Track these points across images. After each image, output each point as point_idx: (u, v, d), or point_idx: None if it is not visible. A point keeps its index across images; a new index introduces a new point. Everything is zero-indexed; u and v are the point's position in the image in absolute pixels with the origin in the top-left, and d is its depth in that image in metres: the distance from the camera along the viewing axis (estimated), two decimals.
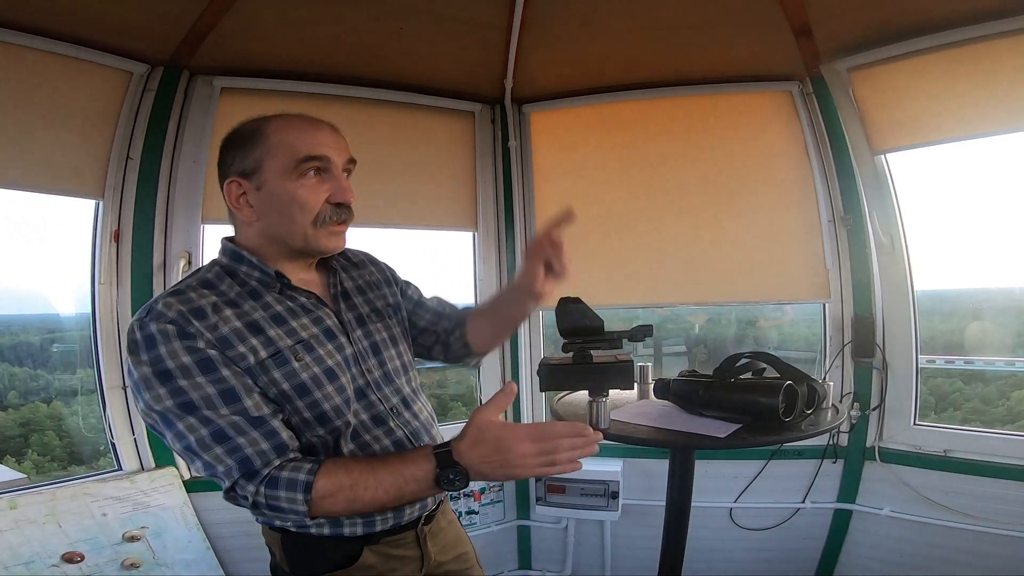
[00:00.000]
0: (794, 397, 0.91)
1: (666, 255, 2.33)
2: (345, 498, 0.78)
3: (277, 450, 0.80)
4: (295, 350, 0.85)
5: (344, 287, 0.99)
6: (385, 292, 1.07)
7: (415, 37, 1.99)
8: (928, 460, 2.00)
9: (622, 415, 1.04)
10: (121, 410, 1.91)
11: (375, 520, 0.92)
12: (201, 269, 0.92)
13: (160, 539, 1.79)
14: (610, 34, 2.01)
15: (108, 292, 1.91)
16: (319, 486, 0.78)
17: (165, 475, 1.92)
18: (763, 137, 2.27)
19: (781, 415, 0.88)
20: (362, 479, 0.79)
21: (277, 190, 0.86)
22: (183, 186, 2.03)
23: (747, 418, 0.94)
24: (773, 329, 2.69)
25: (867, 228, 2.12)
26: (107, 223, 1.93)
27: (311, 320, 0.90)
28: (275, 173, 0.86)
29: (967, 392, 2.27)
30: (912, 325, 2.07)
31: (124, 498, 1.79)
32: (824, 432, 0.90)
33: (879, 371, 2.12)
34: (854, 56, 1.96)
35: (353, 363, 0.92)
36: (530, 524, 2.39)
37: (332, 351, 0.90)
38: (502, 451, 0.78)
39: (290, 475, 0.78)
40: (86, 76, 1.84)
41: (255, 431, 0.79)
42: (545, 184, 2.44)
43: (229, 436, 0.78)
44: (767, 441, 0.86)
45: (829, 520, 2.18)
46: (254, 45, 1.98)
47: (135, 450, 1.93)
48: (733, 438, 0.86)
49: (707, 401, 0.99)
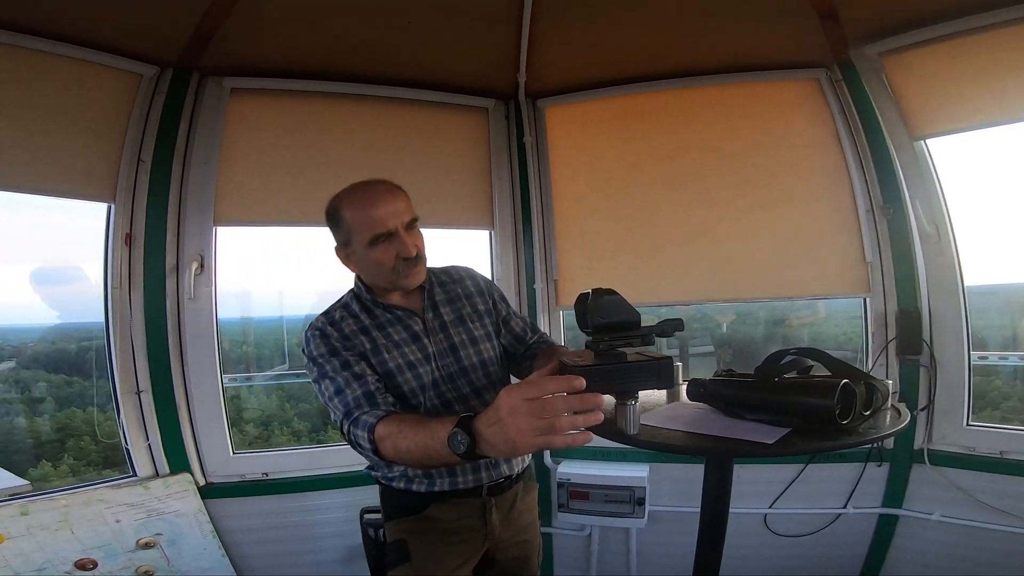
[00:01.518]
0: (852, 397, 0.81)
1: (691, 250, 2.24)
2: (392, 443, 0.97)
3: (367, 397, 1.08)
4: (387, 346, 1.19)
5: (435, 300, 1.28)
6: (476, 301, 1.32)
7: (424, 31, 1.94)
8: (983, 462, 1.88)
9: (653, 419, 0.94)
10: (135, 415, 1.89)
11: (434, 480, 1.19)
12: (344, 296, 1.27)
13: (175, 546, 1.77)
14: (624, 23, 1.93)
15: (121, 296, 1.89)
16: (378, 429, 1.00)
17: (180, 481, 1.89)
18: (790, 126, 2.17)
19: (837, 417, 0.78)
20: (405, 429, 0.96)
21: (364, 257, 1.19)
22: (195, 188, 2.01)
23: (796, 421, 0.84)
24: (804, 328, 2.57)
25: (909, 218, 2.00)
26: (119, 226, 1.91)
27: (403, 327, 1.22)
28: (360, 244, 1.17)
29: (1006, 391, 2.15)
30: (963, 319, 1.94)
31: (138, 504, 1.78)
32: (887, 436, 0.80)
33: (927, 369, 1.99)
34: (886, 40, 1.85)
35: (431, 360, 1.21)
36: (552, 531, 2.31)
37: (415, 350, 1.20)
38: (496, 410, 0.78)
39: (366, 418, 1.03)
40: (96, 79, 1.83)
41: (356, 383, 1.10)
42: (562, 179, 2.37)
43: (342, 389, 1.09)
44: (822, 447, 0.76)
45: (873, 526, 2.08)
46: (262, 44, 1.95)
47: (149, 456, 1.91)
48: (783, 444, 0.77)
49: (750, 403, 0.89)
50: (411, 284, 1.21)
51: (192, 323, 1.97)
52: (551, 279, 2.34)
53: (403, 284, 1.20)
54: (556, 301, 2.35)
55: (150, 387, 1.91)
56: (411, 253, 1.16)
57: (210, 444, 2.00)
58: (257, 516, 1.99)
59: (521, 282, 2.36)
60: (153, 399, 1.91)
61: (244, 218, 2.08)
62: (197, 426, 1.98)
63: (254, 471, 2.04)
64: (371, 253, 1.17)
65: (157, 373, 1.91)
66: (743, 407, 0.93)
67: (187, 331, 1.96)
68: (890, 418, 0.90)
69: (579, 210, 2.34)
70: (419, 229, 1.23)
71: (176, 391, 1.94)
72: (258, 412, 2.58)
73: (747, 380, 0.95)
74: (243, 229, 2.14)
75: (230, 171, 2.04)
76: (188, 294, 1.94)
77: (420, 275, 1.21)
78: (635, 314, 0.88)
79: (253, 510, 1.99)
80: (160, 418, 1.91)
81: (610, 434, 0.87)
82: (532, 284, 2.32)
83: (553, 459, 2.28)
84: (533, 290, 2.32)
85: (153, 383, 1.91)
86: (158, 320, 1.92)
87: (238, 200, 2.05)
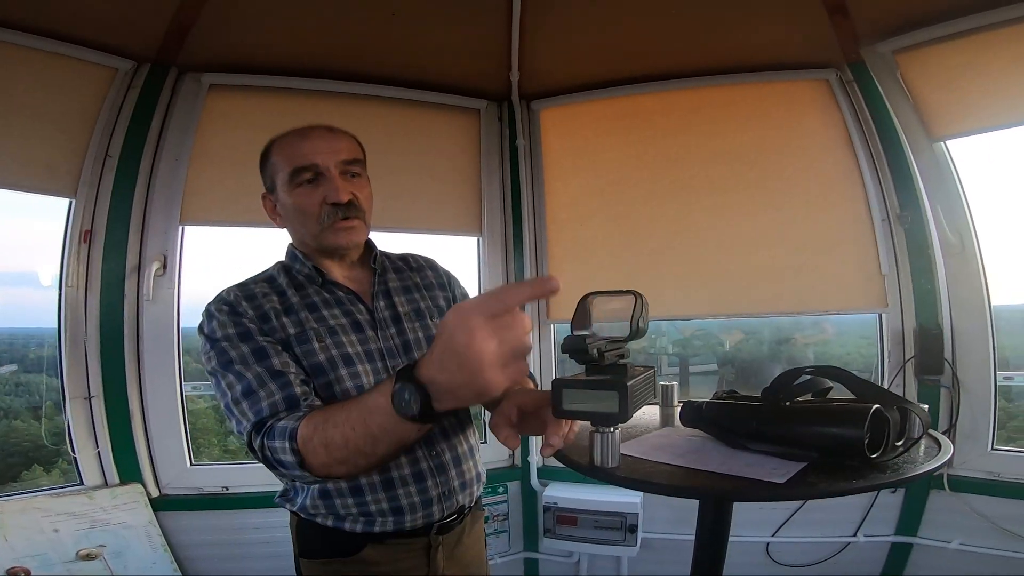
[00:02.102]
0: (883, 426, 0.65)
1: (692, 261, 2.10)
2: (321, 440, 0.74)
3: (288, 401, 0.84)
4: (318, 332, 0.93)
5: (388, 287, 1.05)
6: (436, 295, 1.11)
7: (410, 24, 1.85)
8: (1010, 488, 1.76)
9: (637, 449, 0.77)
10: (85, 421, 1.78)
11: (374, 520, 0.94)
12: (269, 268, 1.03)
13: (120, 559, 1.67)
14: (622, 16, 1.83)
15: (76, 296, 1.78)
16: (301, 431, 0.77)
17: (129, 492, 1.80)
18: (799, 129, 2.05)
19: (866, 450, 0.62)
20: (332, 416, 0.75)
21: (285, 202, 0.98)
22: (163, 185, 1.91)
23: (812, 454, 0.69)
24: (809, 347, 2.41)
25: (928, 227, 1.87)
26: (78, 223, 1.80)
27: (342, 312, 0.98)
28: (282, 188, 0.98)
29: (1011, 409, 2.02)
30: (989, 336, 1.80)
31: (80, 514, 1.69)
32: (928, 473, 0.63)
33: (948, 390, 1.85)
34: (900, 37, 1.74)
35: (379, 357, 0.97)
36: (538, 557, 2.20)
37: (355, 341, 0.96)
38: (447, 339, 0.57)
39: (282, 424, 0.80)
40: (67, 73, 1.75)
41: (274, 383, 0.85)
42: (556, 184, 2.25)
43: (254, 389, 0.85)
44: (849, 489, 0.59)
45: (885, 555, 1.95)
46: (243, 39, 1.88)
47: (98, 464, 1.80)
48: (797, 484, 0.60)
49: (757, 432, 0.73)
50: (340, 243, 0.97)
51: (151, 326, 1.84)
52: None
53: (330, 241, 0.97)
54: (547, 314, 2.20)
55: (102, 392, 1.79)
56: (341, 197, 0.94)
57: (165, 454, 1.87)
58: (215, 531, 1.87)
59: None
60: (104, 405, 1.79)
61: (214, 218, 1.96)
62: (152, 435, 1.86)
63: (213, 484, 1.91)
64: (292, 196, 0.96)
65: (110, 378, 1.80)
66: (747, 436, 0.77)
67: (145, 335, 1.84)
68: (924, 449, 0.75)
69: (573, 217, 2.22)
70: (366, 180, 1.01)
71: (130, 398, 1.82)
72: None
73: (752, 404, 0.79)
74: (213, 230, 2.03)
75: (202, 169, 1.94)
76: (147, 296, 1.81)
77: (356, 234, 0.98)
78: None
79: (211, 525, 1.87)
80: (111, 425, 1.80)
81: (582, 468, 0.70)
82: None
83: (541, 482, 2.12)
84: None
85: (105, 388, 1.79)
86: (114, 322, 1.80)
87: (209, 199, 1.94)
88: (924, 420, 0.73)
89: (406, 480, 0.95)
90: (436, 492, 0.97)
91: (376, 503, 0.94)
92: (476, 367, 0.55)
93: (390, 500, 0.94)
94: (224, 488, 1.91)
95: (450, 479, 0.99)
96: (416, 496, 0.95)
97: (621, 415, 0.65)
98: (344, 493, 0.94)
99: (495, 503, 2.14)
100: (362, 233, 1.00)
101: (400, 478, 0.94)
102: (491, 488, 2.12)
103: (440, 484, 0.97)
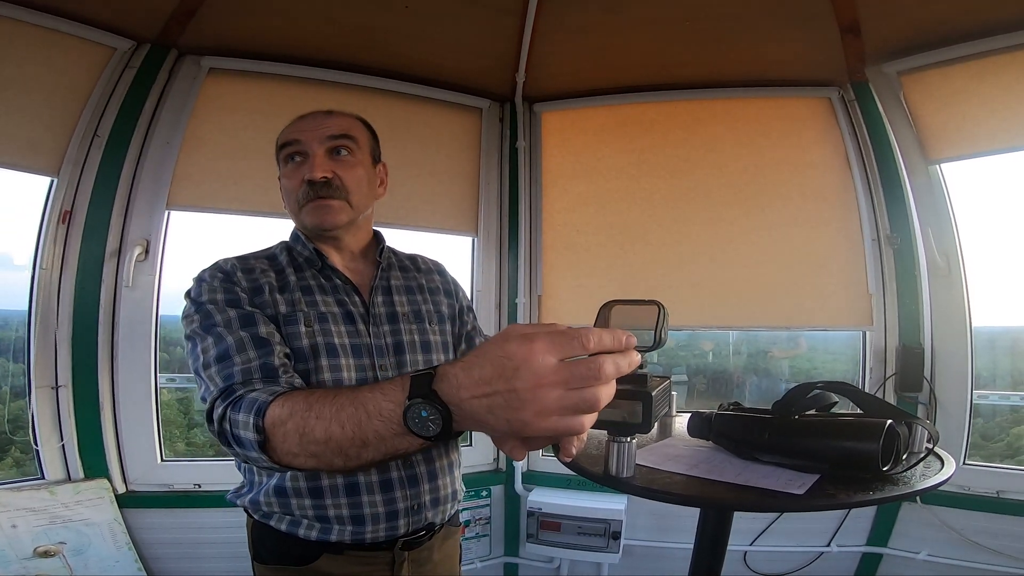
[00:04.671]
0: (894, 439, 0.66)
1: (685, 272, 2.11)
2: (296, 427, 0.64)
3: (264, 369, 0.79)
4: (308, 316, 0.89)
5: (390, 284, 1.01)
6: (440, 300, 1.06)
7: (423, 19, 1.82)
8: (977, 501, 1.82)
9: (649, 459, 0.76)
10: (50, 412, 1.69)
11: (331, 527, 0.87)
12: (273, 246, 1.00)
13: (81, 556, 1.61)
14: (634, 24, 1.83)
15: (50, 278, 1.69)
16: (272, 411, 0.68)
17: (94, 487, 1.72)
18: (798, 146, 2.08)
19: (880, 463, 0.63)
20: (318, 405, 0.64)
21: (281, 182, 0.99)
22: (151, 168, 1.84)
23: (824, 466, 0.69)
24: (785, 360, 2.45)
25: (916, 249, 1.91)
26: (58, 202, 1.72)
27: (335, 300, 0.94)
28: (280, 169, 0.99)
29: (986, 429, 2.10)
30: (968, 357, 1.85)
31: (40, 510, 1.62)
32: (938, 486, 0.65)
33: (925, 406, 1.91)
34: (907, 59, 1.78)
35: (366, 353, 0.92)
36: (518, 562, 2.18)
37: (343, 332, 0.91)
38: (507, 373, 0.47)
39: (255, 395, 0.72)
40: (62, 49, 1.69)
41: (255, 350, 0.80)
42: (554, 189, 2.24)
43: (230, 355, 0.79)
44: (868, 501, 0.60)
45: (855, 565, 2.01)
46: (248, 23, 1.83)
47: (62, 458, 1.71)
48: (818, 496, 0.60)
49: (770, 444, 0.73)
50: (316, 222, 0.92)
51: (127, 314, 1.76)
52: (535, 294, 2.20)
53: (306, 222, 0.93)
54: (539, 318, 2.19)
55: (70, 382, 1.70)
56: (314, 174, 0.90)
57: (135, 449, 1.79)
58: (185, 530, 1.80)
59: (503, 295, 2.21)
60: (72, 396, 1.70)
61: (202, 203, 1.89)
62: (121, 429, 1.77)
63: (184, 481, 1.83)
64: (282, 176, 0.96)
65: (80, 367, 1.71)
66: (759, 448, 0.76)
67: (121, 323, 1.75)
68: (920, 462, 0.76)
69: (570, 222, 2.21)
70: (357, 160, 0.96)
71: (101, 389, 1.73)
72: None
73: (764, 417, 0.79)
74: (201, 216, 1.95)
75: (194, 153, 1.88)
76: (126, 281, 1.73)
77: (331, 214, 0.92)
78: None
79: (181, 523, 1.80)
80: (78, 417, 1.71)
81: (598, 477, 0.68)
82: (514, 298, 2.17)
83: (525, 486, 2.10)
84: (515, 304, 2.17)
85: (75, 378, 1.70)
86: (88, 308, 1.72)
87: (199, 183, 1.88)
88: (933, 434, 0.74)
89: (372, 487, 0.88)
90: (404, 505, 0.89)
91: (336, 508, 0.87)
92: (530, 414, 0.47)
93: (351, 507, 0.87)
94: (196, 485, 1.83)
95: (421, 493, 0.92)
96: (381, 506, 0.88)
97: (644, 425, 0.63)
98: (302, 493, 0.86)
99: (478, 507, 2.11)
100: (341, 214, 0.93)
101: (367, 484, 0.87)
102: (474, 492, 2.08)
103: (410, 497, 0.90)
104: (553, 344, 0.47)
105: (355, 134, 0.96)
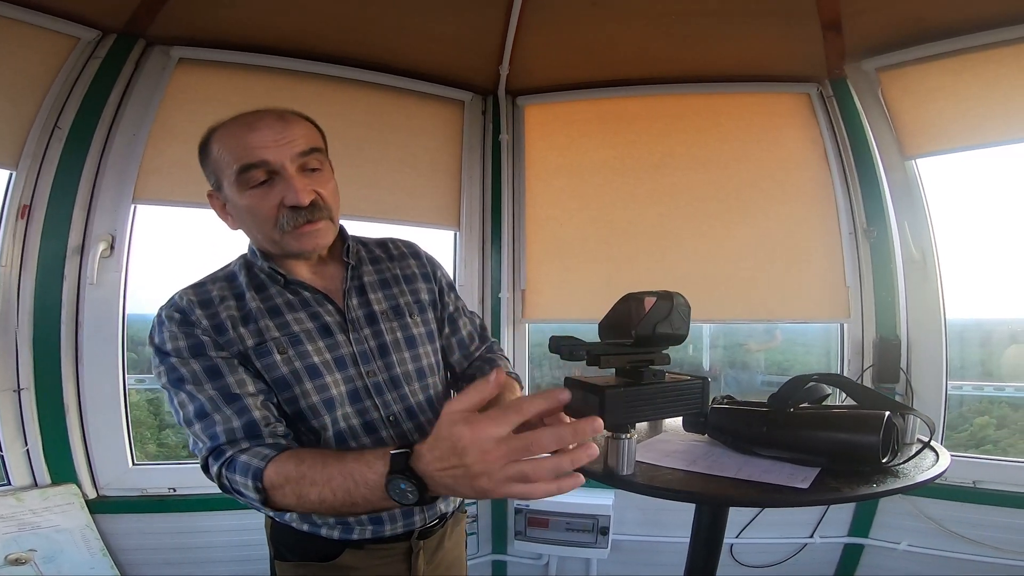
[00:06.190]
0: (891, 432, 0.66)
1: (667, 266, 2.11)
2: (293, 492, 0.71)
3: (247, 429, 0.79)
4: (279, 342, 0.84)
5: (362, 282, 0.95)
6: (419, 287, 1.00)
7: (403, 9, 1.77)
8: (955, 492, 1.85)
9: (647, 455, 0.76)
10: (13, 416, 1.62)
11: (352, 527, 0.89)
12: (231, 263, 0.93)
13: (53, 563, 1.58)
14: (619, 18, 1.82)
15: (9, 276, 1.61)
16: (268, 475, 0.73)
17: (63, 493, 1.65)
18: (778, 141, 2.09)
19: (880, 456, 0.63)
20: (310, 473, 0.70)
21: (236, 204, 0.85)
22: (116, 161, 1.76)
23: (823, 459, 0.68)
24: (760, 353, 2.49)
25: (892, 242, 1.95)
26: (16, 197, 1.63)
27: (308, 315, 0.88)
28: (229, 187, 0.85)
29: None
30: (943, 348, 1.88)
31: (7, 517, 1.58)
32: (938, 477, 0.65)
33: (902, 397, 1.94)
34: (885, 55, 1.80)
35: (351, 363, 0.89)
36: (507, 559, 2.17)
37: (324, 348, 0.87)
38: (458, 451, 0.57)
39: (247, 459, 0.75)
40: (21, 39, 1.61)
41: (229, 407, 0.79)
42: (537, 183, 2.22)
43: (207, 412, 0.79)
44: (872, 494, 0.60)
45: (838, 556, 2.04)
46: (220, 12, 1.75)
47: (27, 463, 1.64)
48: (822, 490, 0.60)
49: (768, 437, 0.72)
50: (305, 248, 0.86)
51: (92, 313, 1.68)
52: (518, 288, 2.17)
53: (293, 247, 0.85)
54: (522, 313, 2.17)
55: (32, 384, 1.62)
56: (301, 200, 0.82)
57: (104, 453, 1.72)
58: (160, 535, 1.75)
59: (486, 290, 2.18)
60: (35, 398, 1.63)
61: (171, 197, 1.81)
62: (88, 432, 1.70)
63: (158, 485, 1.77)
64: (243, 198, 0.83)
65: (43, 369, 1.63)
66: (758, 442, 0.76)
67: (86, 321, 1.68)
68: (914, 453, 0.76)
69: (553, 216, 2.19)
70: (329, 172, 0.89)
71: (65, 391, 1.66)
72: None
73: (761, 410, 0.78)
74: (169, 210, 1.87)
75: (162, 145, 1.80)
76: (90, 279, 1.65)
77: (323, 236, 0.87)
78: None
79: (155, 528, 1.75)
80: (42, 421, 1.63)
81: (597, 475, 0.67)
82: (498, 293, 2.15)
83: None
84: (498, 299, 2.15)
85: (37, 380, 1.63)
86: (50, 307, 1.64)
87: (166, 177, 1.80)
88: (930, 425, 0.75)
89: None
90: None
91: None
92: (479, 485, 0.57)
93: None
94: (171, 489, 1.77)
95: None
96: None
97: (613, 427, 0.65)
98: None
99: (465, 504, 2.08)
100: (329, 234, 0.89)
101: None
102: None
103: None
104: (493, 421, 0.56)
105: (319, 144, 0.89)
